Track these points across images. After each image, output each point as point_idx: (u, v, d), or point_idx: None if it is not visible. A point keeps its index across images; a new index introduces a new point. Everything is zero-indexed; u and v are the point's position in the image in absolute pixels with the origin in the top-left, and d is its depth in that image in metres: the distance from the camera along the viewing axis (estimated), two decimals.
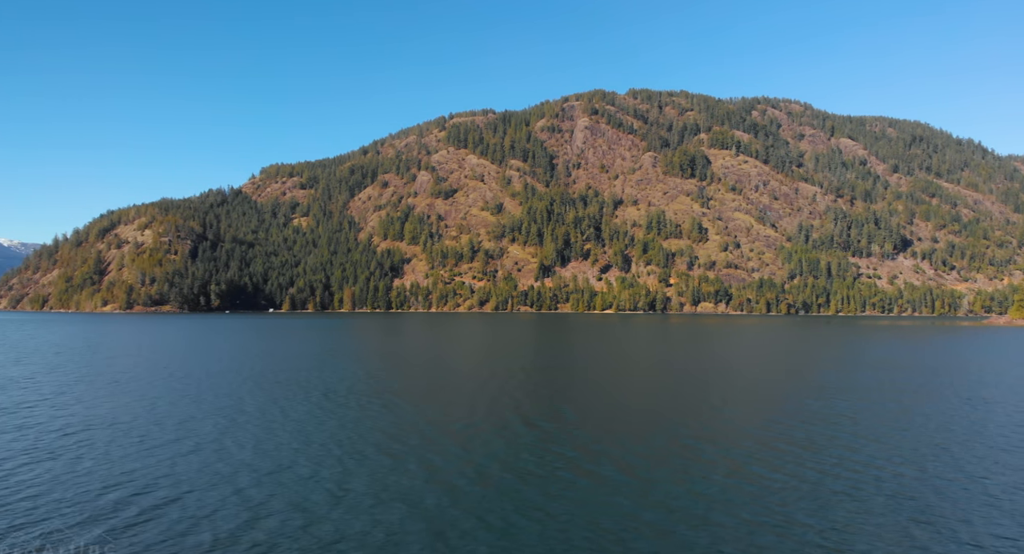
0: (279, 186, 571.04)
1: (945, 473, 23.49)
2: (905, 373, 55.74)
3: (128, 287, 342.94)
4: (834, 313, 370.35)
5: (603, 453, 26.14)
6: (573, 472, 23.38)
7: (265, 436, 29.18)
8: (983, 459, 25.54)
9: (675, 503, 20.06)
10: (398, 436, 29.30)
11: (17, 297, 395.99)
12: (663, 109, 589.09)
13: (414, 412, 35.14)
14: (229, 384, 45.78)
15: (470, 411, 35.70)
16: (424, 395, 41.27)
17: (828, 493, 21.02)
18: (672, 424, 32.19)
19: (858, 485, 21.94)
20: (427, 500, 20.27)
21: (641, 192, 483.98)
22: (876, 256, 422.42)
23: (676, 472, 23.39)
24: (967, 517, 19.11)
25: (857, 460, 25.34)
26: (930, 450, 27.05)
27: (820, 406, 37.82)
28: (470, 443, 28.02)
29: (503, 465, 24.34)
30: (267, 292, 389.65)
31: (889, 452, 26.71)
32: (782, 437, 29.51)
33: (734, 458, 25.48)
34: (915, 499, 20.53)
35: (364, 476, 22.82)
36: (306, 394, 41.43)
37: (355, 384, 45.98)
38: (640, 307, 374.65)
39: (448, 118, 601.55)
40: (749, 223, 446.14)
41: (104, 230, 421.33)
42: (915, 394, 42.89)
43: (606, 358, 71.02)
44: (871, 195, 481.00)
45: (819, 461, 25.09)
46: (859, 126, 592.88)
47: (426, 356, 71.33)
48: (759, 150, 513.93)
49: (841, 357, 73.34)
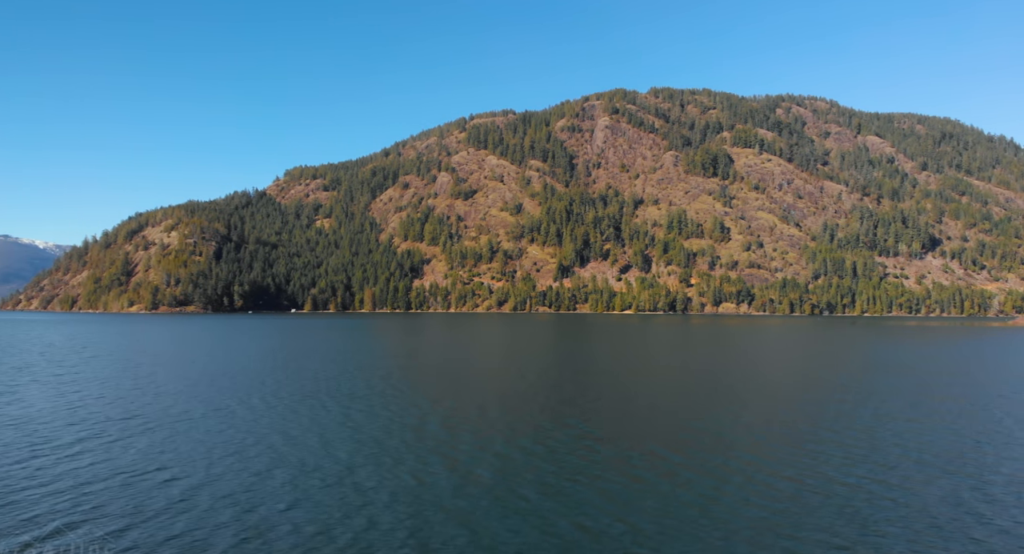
0: (303, 188, 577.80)
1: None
2: (945, 377, 53.49)
3: (154, 288, 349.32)
4: (859, 314, 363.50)
5: (631, 456, 25.62)
6: (607, 473, 23.05)
7: (308, 436, 29.05)
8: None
9: (704, 505, 19.73)
10: (426, 433, 29.38)
11: (48, 298, 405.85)
12: (685, 108, 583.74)
13: (443, 412, 34.90)
14: (266, 385, 46.02)
15: (495, 411, 35.38)
16: (452, 395, 40.86)
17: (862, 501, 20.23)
18: (699, 426, 31.26)
19: (893, 495, 20.91)
20: (463, 499, 20.28)
21: (662, 191, 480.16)
22: (903, 255, 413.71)
23: (703, 474, 22.89)
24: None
25: (900, 468, 24.12)
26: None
27: (854, 411, 36.26)
28: (494, 442, 27.79)
29: (532, 466, 24.11)
30: (289, 293, 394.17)
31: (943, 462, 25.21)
32: (816, 440, 28.57)
33: (764, 462, 24.61)
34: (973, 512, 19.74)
35: (391, 473, 23.04)
36: (347, 393, 41.51)
37: (384, 383, 46.03)
38: (660, 308, 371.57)
39: (468, 119, 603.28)
40: (772, 222, 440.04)
41: (132, 232, 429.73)
42: (958, 401, 40.67)
43: (630, 359, 69.65)
44: (899, 193, 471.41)
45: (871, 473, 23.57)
46: (887, 123, 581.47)
47: (450, 357, 70.75)
48: (783, 148, 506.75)
49: (875, 360, 70.72)
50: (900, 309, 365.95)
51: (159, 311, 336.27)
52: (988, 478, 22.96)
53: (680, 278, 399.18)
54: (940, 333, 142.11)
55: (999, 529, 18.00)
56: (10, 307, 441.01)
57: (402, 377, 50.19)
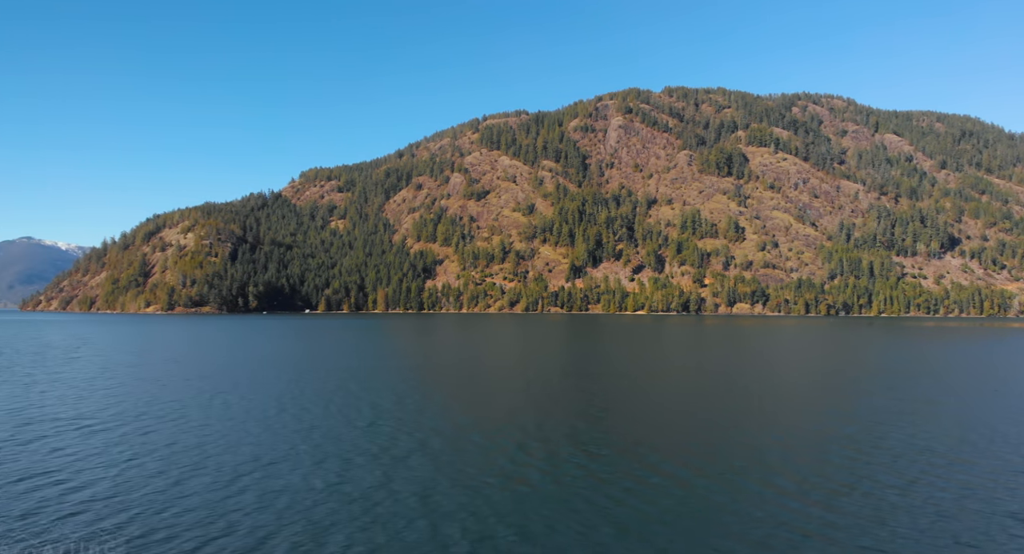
0: (317, 189, 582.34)
1: None
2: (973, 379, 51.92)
3: (170, 289, 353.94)
4: (876, 314, 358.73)
5: (650, 460, 24.86)
6: (625, 478, 22.40)
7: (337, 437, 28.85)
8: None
9: (723, 508, 19.32)
10: (447, 436, 28.98)
11: (67, 299, 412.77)
12: (699, 107, 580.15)
13: (460, 414, 34.45)
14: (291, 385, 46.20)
15: (514, 412, 34.91)
16: (471, 397, 40.48)
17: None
18: (723, 432, 30.05)
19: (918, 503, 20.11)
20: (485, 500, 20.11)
21: (676, 191, 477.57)
22: (922, 255, 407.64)
23: (723, 479, 22.19)
24: None
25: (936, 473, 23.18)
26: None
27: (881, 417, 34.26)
28: (515, 444, 27.37)
29: (550, 466, 23.81)
30: (303, 293, 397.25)
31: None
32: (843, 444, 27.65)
33: (791, 470, 23.45)
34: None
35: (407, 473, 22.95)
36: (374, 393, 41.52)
37: (407, 385, 45.62)
38: (673, 308, 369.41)
39: (481, 120, 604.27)
40: (788, 222, 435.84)
41: (150, 233, 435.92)
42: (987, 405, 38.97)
43: (648, 361, 68.31)
44: (917, 192, 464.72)
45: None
46: (905, 121, 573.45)
47: (467, 358, 70.05)
48: (799, 147, 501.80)
49: (903, 362, 68.77)
50: (918, 310, 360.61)
51: (175, 312, 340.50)
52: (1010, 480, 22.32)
53: (694, 278, 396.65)
54: (961, 334, 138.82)
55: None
56: (30, 308, 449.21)
57: (422, 379, 49.55)
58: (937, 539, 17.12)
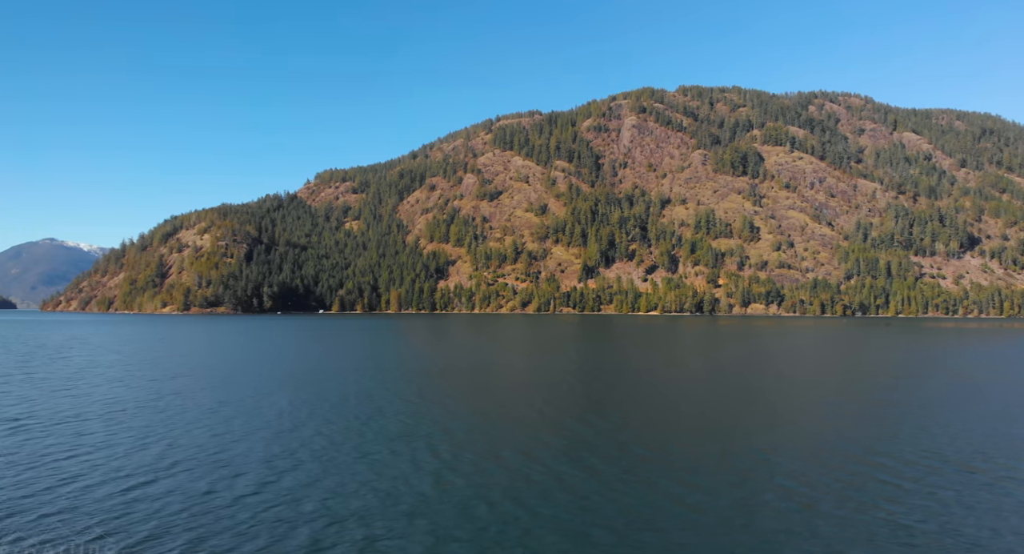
0: (332, 191, 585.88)
1: None
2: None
3: (186, 289, 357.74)
4: (894, 315, 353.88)
5: (675, 469, 23.72)
6: (652, 489, 21.49)
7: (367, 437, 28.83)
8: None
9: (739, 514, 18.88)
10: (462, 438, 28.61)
11: (86, 299, 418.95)
12: (714, 106, 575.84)
13: (479, 415, 34.17)
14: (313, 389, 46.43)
15: (536, 414, 34.50)
16: (490, 399, 40.09)
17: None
18: (748, 438, 28.79)
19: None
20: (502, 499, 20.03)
21: (690, 191, 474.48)
22: (940, 255, 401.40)
23: (745, 487, 21.43)
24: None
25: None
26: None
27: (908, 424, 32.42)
28: (537, 444, 27.13)
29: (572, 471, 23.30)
30: (317, 294, 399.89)
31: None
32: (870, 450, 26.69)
33: (821, 480, 22.32)
34: None
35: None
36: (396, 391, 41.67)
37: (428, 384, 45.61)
38: (687, 308, 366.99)
39: (495, 120, 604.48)
40: (804, 221, 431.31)
41: (167, 235, 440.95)
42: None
43: (667, 362, 66.49)
44: (936, 191, 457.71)
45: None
46: (924, 119, 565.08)
47: (482, 358, 69.17)
48: (815, 146, 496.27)
49: (931, 364, 66.48)
50: (936, 310, 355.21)
51: (190, 312, 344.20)
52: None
53: (708, 279, 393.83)
54: (981, 335, 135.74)
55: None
56: (50, 308, 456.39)
57: (440, 380, 49.13)
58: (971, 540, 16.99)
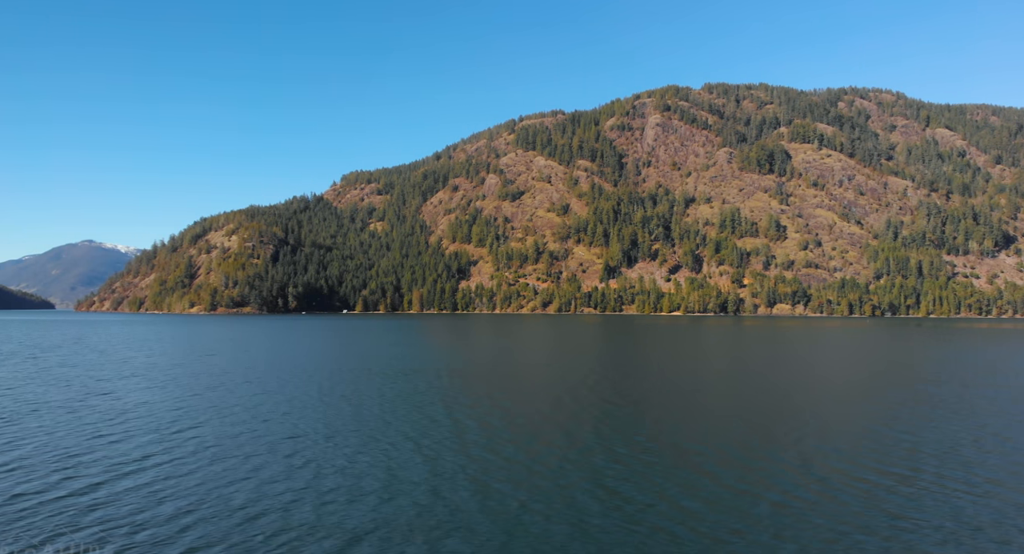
0: (358, 192, 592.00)
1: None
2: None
3: (213, 290, 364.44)
4: (925, 315, 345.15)
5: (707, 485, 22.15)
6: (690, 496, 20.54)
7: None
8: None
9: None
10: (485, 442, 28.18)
11: (118, 299, 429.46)
12: (740, 103, 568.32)
13: (504, 415, 34.00)
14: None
15: (559, 417, 33.73)
16: (514, 398, 39.71)
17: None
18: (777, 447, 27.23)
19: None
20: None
21: (715, 189, 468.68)
22: (974, 254, 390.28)
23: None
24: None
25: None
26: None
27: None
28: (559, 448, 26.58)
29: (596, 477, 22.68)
30: (341, 294, 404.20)
31: None
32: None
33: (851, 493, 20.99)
34: None
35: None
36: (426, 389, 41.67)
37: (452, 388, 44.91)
38: (710, 309, 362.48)
39: (518, 121, 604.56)
40: (832, 220, 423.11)
41: (196, 236, 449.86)
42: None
43: (698, 366, 62.74)
44: (970, 188, 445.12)
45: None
46: (958, 115, 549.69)
47: (502, 360, 68.36)
48: (844, 143, 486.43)
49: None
50: (969, 310, 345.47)
51: (217, 312, 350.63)
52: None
53: (732, 278, 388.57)
54: (1018, 336, 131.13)
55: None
56: (84, 308, 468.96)
57: (470, 380, 49.05)
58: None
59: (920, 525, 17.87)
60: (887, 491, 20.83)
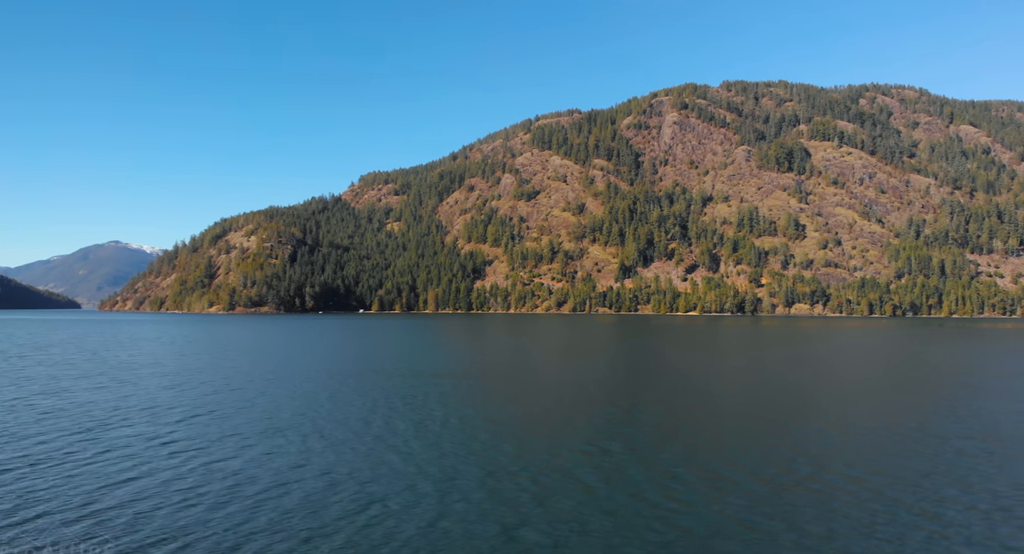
0: (375, 193, 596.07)
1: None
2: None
3: (231, 289, 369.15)
4: (947, 315, 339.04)
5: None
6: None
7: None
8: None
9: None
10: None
11: (140, 299, 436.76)
12: (759, 101, 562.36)
13: (523, 416, 33.52)
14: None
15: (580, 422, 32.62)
16: (533, 399, 39.38)
17: None
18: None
19: None
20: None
21: (733, 188, 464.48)
22: (998, 253, 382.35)
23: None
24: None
25: None
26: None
27: None
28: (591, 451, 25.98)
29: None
30: (358, 294, 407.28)
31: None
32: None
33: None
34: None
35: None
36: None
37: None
38: (727, 308, 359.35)
39: (534, 120, 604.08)
40: (852, 218, 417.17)
41: (216, 237, 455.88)
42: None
43: (723, 369, 59.90)
44: (994, 186, 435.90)
45: None
46: (983, 111, 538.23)
47: (529, 359, 68.17)
48: (865, 140, 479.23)
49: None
50: (993, 310, 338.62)
51: (235, 311, 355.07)
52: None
53: (750, 278, 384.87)
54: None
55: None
56: (107, 308, 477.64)
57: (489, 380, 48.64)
58: None
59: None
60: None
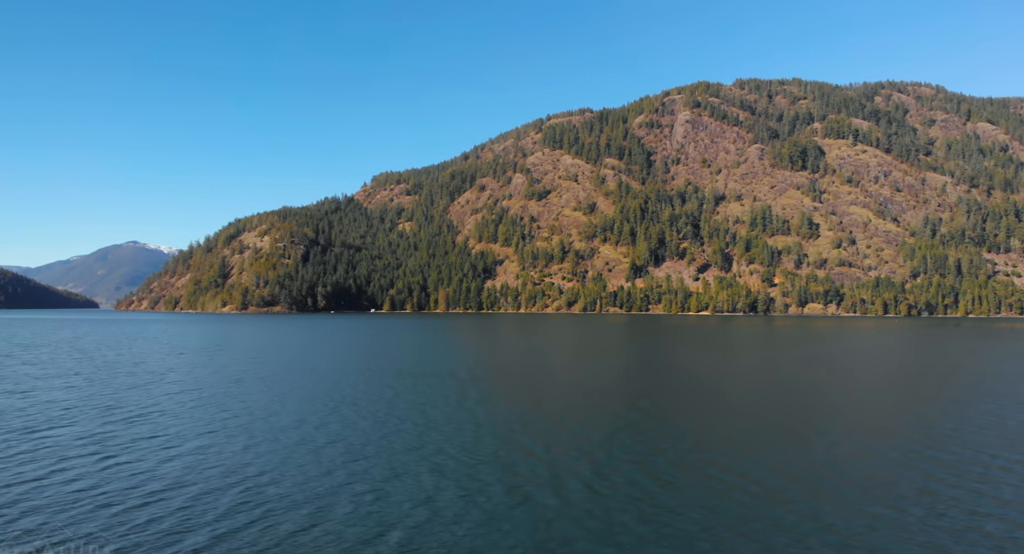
0: (387, 193, 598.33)
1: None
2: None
3: (244, 289, 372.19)
4: (964, 314, 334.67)
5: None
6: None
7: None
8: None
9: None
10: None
11: (155, 299, 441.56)
12: (773, 99, 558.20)
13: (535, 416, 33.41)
14: None
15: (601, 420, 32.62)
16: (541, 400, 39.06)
17: None
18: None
19: None
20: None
21: (745, 187, 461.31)
22: (1016, 251, 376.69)
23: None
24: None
25: None
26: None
27: None
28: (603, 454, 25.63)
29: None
30: (369, 293, 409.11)
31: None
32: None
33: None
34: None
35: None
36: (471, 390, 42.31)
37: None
38: (739, 308, 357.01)
39: (545, 120, 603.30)
40: (867, 217, 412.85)
41: (230, 237, 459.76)
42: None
43: (744, 372, 58.03)
44: (1012, 184, 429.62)
45: None
46: (1001, 109, 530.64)
47: (545, 360, 67.49)
48: (880, 138, 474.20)
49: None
50: (1010, 310, 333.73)
51: (248, 311, 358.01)
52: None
53: (763, 277, 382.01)
54: None
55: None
56: (123, 307, 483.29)
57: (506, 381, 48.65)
58: None
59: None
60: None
